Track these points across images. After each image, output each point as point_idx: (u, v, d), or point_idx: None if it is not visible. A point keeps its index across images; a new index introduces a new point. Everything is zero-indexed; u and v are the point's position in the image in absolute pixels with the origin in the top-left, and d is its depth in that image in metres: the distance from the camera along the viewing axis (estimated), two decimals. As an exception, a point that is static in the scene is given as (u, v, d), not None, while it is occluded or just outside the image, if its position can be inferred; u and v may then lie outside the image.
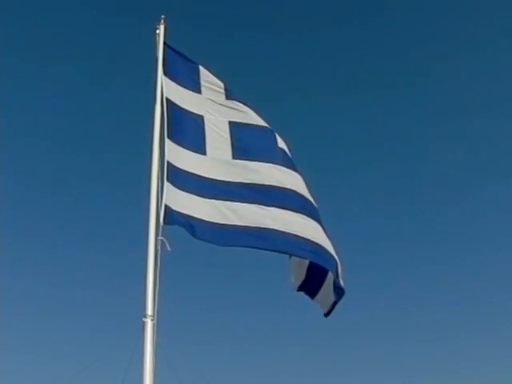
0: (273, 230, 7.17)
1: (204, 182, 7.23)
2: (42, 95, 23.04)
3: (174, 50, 7.96)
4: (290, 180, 7.69)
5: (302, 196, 7.68)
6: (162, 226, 6.75)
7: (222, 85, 8.01)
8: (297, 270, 7.91)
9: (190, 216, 6.85)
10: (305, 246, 7.28)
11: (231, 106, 7.94)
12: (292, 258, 7.84)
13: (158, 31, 7.95)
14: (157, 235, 6.74)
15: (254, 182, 7.45)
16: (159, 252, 6.68)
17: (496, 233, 22.00)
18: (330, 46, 25.04)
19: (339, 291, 7.57)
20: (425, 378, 18.35)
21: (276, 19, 24.59)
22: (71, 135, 23.21)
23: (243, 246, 7.13)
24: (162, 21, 8.04)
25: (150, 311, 6.48)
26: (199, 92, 7.90)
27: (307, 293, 7.98)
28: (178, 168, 7.12)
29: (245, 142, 7.69)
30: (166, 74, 7.68)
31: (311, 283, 7.87)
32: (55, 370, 15.61)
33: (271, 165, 7.67)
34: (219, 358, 17.82)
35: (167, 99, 7.50)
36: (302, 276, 7.88)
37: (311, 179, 8.06)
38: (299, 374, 17.72)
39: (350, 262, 8.49)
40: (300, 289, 7.99)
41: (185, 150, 7.34)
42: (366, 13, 24.17)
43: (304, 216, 7.49)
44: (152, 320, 6.46)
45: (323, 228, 7.69)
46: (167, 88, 7.59)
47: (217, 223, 6.98)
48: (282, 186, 7.58)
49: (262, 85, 23.80)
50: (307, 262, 7.69)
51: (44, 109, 22.77)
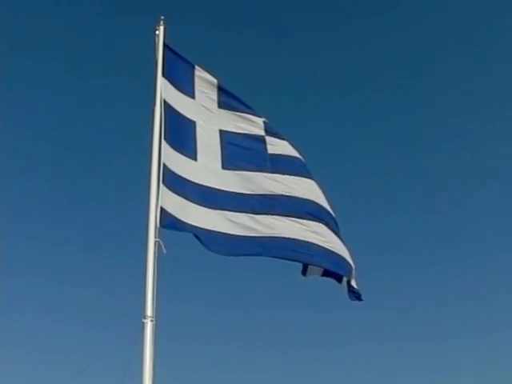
0: (263, 237, 7.25)
1: (195, 188, 7.26)
2: (42, 96, 23.06)
3: (172, 51, 7.93)
4: (287, 186, 7.67)
5: (301, 200, 7.66)
6: (159, 228, 6.80)
7: (215, 92, 7.96)
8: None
9: (183, 222, 6.92)
10: (293, 247, 7.34)
11: (223, 114, 7.92)
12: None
13: (157, 32, 7.92)
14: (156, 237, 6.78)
15: (242, 191, 7.49)
16: (156, 253, 6.71)
17: (496, 233, 22.03)
18: (330, 46, 25.07)
19: (354, 294, 7.65)
20: (425, 378, 18.40)
21: (276, 20, 24.65)
22: (71, 136, 23.23)
23: (228, 255, 7.21)
24: (162, 22, 8.00)
25: (149, 312, 6.50)
26: (193, 97, 7.88)
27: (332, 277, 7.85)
28: (171, 171, 7.15)
29: (235, 152, 7.70)
30: (164, 75, 7.69)
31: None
32: (55, 371, 15.63)
33: (261, 173, 7.67)
34: (218, 358, 17.84)
35: (164, 101, 7.51)
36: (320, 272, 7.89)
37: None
38: (298, 373, 17.77)
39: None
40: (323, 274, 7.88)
41: (178, 153, 7.36)
42: (366, 13, 24.20)
43: (300, 220, 7.50)
44: (152, 321, 6.48)
45: (333, 232, 7.70)
46: (165, 90, 7.60)
47: (207, 229, 7.06)
48: (272, 193, 7.59)
49: (262, 85, 23.85)
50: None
51: (44, 110, 22.83)
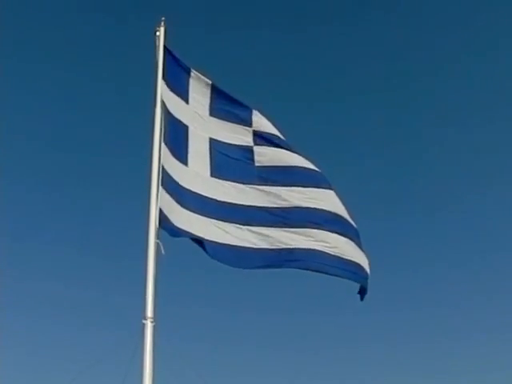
0: (250, 248, 7.29)
1: (185, 193, 7.27)
2: (42, 98, 23.07)
3: (171, 53, 7.91)
4: (273, 197, 7.64)
5: (288, 209, 7.61)
6: (158, 229, 6.81)
7: (208, 98, 7.94)
8: None
9: (176, 226, 6.94)
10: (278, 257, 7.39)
11: (213, 123, 7.91)
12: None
13: (158, 33, 7.91)
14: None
15: (229, 200, 7.50)
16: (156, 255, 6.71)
17: (496, 234, 22.04)
18: (330, 47, 25.08)
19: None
20: (426, 379, 18.40)
21: (276, 21, 24.66)
22: (71, 136, 23.27)
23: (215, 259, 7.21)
24: (162, 23, 7.99)
25: (149, 313, 6.49)
26: (187, 102, 7.87)
27: None
28: (168, 174, 7.18)
29: (223, 162, 7.70)
30: (163, 77, 7.68)
31: None
32: (55, 372, 15.68)
33: (248, 185, 7.66)
34: (219, 359, 17.87)
35: (163, 103, 7.52)
36: None
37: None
38: (298, 374, 17.77)
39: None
40: None
41: (172, 157, 7.37)
42: (367, 13, 24.20)
43: (289, 229, 7.49)
44: (152, 322, 6.47)
45: (341, 235, 7.70)
46: (164, 92, 7.61)
47: (197, 235, 7.08)
48: (258, 205, 7.57)
49: (262, 86, 23.86)
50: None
51: (44, 111, 22.80)
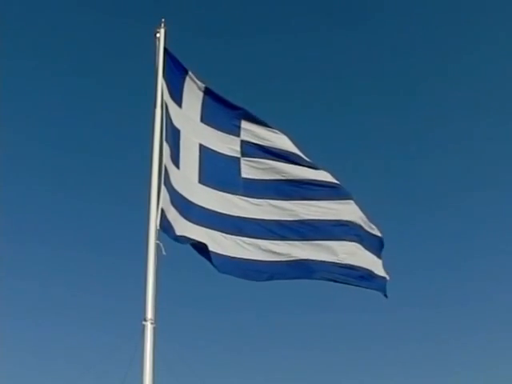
0: (234, 257, 7.37)
1: (177, 196, 7.25)
2: (43, 98, 22.99)
3: (170, 55, 7.88)
4: (257, 209, 7.71)
5: (267, 222, 7.68)
6: (159, 230, 6.81)
7: (199, 104, 7.94)
8: None
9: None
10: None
11: (204, 129, 7.91)
12: None
13: (158, 35, 7.89)
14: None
15: (214, 209, 7.50)
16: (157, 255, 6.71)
17: (496, 234, 22.04)
18: (330, 48, 25.07)
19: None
20: (426, 379, 18.39)
21: (276, 22, 24.60)
22: (71, 137, 23.22)
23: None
24: (163, 24, 7.98)
25: (149, 314, 6.49)
26: (180, 106, 7.84)
27: None
28: (168, 174, 7.17)
29: (211, 170, 7.70)
30: (163, 77, 7.65)
31: None
32: (55, 373, 15.65)
33: (234, 196, 7.69)
34: (219, 361, 17.83)
35: (165, 102, 7.48)
36: None
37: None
38: (298, 375, 17.74)
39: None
40: None
41: (170, 157, 7.35)
42: (368, 14, 24.19)
43: (275, 241, 7.60)
44: (152, 323, 6.47)
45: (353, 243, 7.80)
46: (165, 92, 7.56)
47: (188, 238, 7.09)
48: (244, 216, 7.60)
49: (261, 87, 23.86)
50: None
51: (45, 112, 22.76)
